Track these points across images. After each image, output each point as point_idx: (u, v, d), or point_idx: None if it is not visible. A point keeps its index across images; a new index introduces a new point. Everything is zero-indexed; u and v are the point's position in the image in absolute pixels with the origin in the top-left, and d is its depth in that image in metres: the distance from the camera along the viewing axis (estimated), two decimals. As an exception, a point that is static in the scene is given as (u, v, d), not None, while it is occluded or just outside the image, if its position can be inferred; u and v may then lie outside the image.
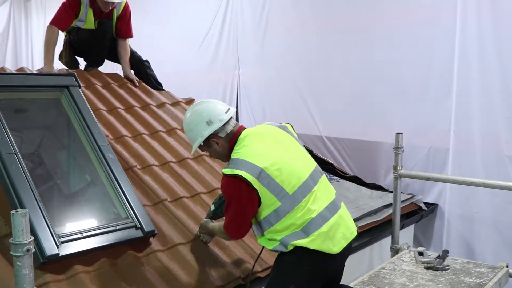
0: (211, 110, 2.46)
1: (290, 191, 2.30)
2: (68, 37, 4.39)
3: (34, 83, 3.16)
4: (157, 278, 2.52)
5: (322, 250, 2.30)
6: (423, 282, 2.81)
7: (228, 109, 2.49)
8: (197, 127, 2.45)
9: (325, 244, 2.31)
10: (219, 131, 2.43)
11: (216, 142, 2.46)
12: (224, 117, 2.44)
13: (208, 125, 2.42)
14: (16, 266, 1.61)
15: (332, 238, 2.33)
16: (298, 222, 2.30)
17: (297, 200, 2.31)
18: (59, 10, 4.14)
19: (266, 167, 2.27)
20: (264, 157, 2.32)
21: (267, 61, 5.48)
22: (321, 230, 2.30)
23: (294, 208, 2.30)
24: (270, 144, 2.41)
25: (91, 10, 4.19)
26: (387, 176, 4.56)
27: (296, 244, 2.28)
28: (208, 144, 2.47)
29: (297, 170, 2.37)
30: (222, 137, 2.44)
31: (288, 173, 2.32)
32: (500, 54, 3.86)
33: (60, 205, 2.72)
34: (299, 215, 2.30)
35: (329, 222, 2.35)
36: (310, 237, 2.29)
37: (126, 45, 4.46)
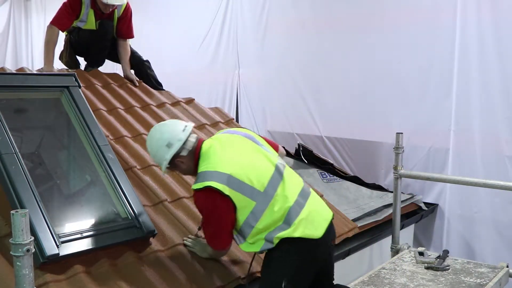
0: (169, 132, 2.51)
1: (261, 188, 2.37)
2: (68, 37, 4.39)
3: (34, 83, 3.16)
4: (157, 278, 2.51)
5: (306, 236, 2.35)
6: (423, 282, 2.81)
7: (185, 127, 2.54)
8: (159, 152, 2.51)
9: (308, 229, 2.36)
10: (180, 151, 2.48)
11: (181, 161, 2.52)
12: (182, 136, 2.49)
13: (168, 148, 2.47)
14: (16, 266, 1.61)
15: (312, 222, 2.39)
16: (278, 215, 2.35)
17: (270, 195, 2.37)
18: (59, 10, 4.14)
19: (232, 172, 2.34)
20: (228, 163, 2.39)
21: (267, 61, 5.48)
22: (300, 217, 2.37)
23: (269, 204, 2.36)
24: (230, 150, 2.48)
25: (92, 11, 4.19)
26: (387, 176, 4.56)
27: (281, 236, 2.34)
28: (174, 164, 2.53)
29: (262, 168, 2.44)
30: (185, 156, 2.50)
31: (254, 173, 2.39)
32: (500, 54, 3.86)
33: (60, 205, 2.72)
34: (277, 208, 2.36)
35: (305, 207, 2.42)
36: (292, 226, 2.34)
37: (127, 45, 4.46)
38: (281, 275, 2.36)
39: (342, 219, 3.47)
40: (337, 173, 4.63)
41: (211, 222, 2.44)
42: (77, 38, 4.32)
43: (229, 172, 2.34)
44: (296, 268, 2.38)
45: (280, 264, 2.38)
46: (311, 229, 2.37)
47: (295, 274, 2.38)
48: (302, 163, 4.57)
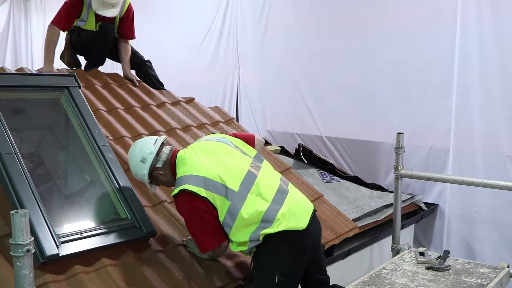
0: (140, 148, 2.63)
1: (235, 188, 2.42)
2: (69, 36, 4.38)
3: (34, 83, 3.16)
4: (157, 278, 2.51)
5: (290, 228, 2.38)
6: (424, 282, 2.81)
7: (156, 140, 2.64)
8: (137, 168, 2.62)
9: (291, 222, 2.40)
10: (155, 163, 2.58)
11: (160, 173, 2.60)
12: (153, 148, 2.59)
13: (143, 163, 2.58)
14: (16, 267, 1.61)
15: (294, 214, 2.43)
16: (255, 215, 2.39)
17: (244, 195, 2.42)
18: (60, 10, 4.14)
19: (207, 174, 2.43)
20: (202, 166, 2.48)
21: (267, 61, 5.48)
22: (281, 212, 2.40)
23: (243, 204, 2.40)
24: (204, 154, 2.56)
25: (93, 11, 4.19)
26: (387, 176, 4.56)
27: (265, 233, 2.38)
28: (154, 178, 2.63)
29: (235, 168, 2.51)
30: (161, 167, 2.59)
31: (228, 173, 2.46)
32: (500, 54, 3.86)
33: (60, 205, 2.71)
34: (253, 210, 2.39)
35: (285, 203, 2.45)
36: (275, 223, 2.38)
37: (128, 45, 4.46)
38: (272, 269, 2.41)
39: (342, 219, 3.46)
40: (337, 173, 4.63)
41: (193, 225, 2.49)
42: (78, 38, 4.32)
43: (204, 175, 2.43)
44: (286, 261, 2.42)
45: (270, 258, 2.43)
46: (294, 221, 2.41)
47: (286, 266, 2.42)
48: (302, 163, 4.57)
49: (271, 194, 2.47)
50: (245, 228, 2.41)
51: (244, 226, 2.41)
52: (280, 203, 2.45)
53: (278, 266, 2.41)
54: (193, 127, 3.93)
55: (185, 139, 3.74)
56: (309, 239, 2.48)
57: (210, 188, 2.40)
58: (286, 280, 2.41)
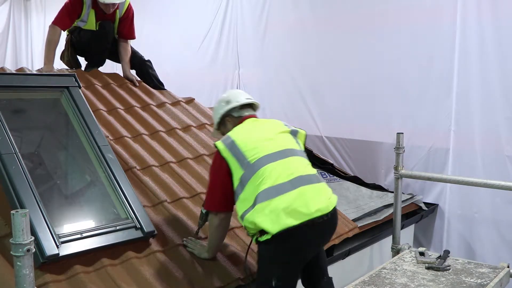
0: (233, 93, 2.81)
1: (252, 160, 2.43)
2: (70, 36, 4.39)
3: (34, 83, 3.16)
4: (157, 278, 2.51)
5: (285, 227, 2.28)
6: (424, 282, 2.81)
7: (250, 98, 2.77)
8: (218, 107, 2.76)
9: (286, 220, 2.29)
10: (234, 111, 2.70)
11: (229, 122, 2.72)
12: (242, 99, 2.73)
13: (226, 104, 2.72)
14: (16, 266, 1.61)
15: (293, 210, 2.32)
16: (251, 197, 2.37)
17: (255, 169, 2.41)
18: (61, 10, 4.17)
19: (236, 139, 2.49)
20: (240, 132, 2.58)
21: (267, 61, 5.48)
22: (278, 202, 2.31)
23: (252, 176, 2.39)
24: (254, 124, 2.67)
25: (93, 11, 4.20)
26: (387, 176, 4.56)
27: (259, 227, 2.31)
28: (224, 123, 2.75)
29: (263, 147, 2.50)
30: (234, 117, 2.71)
31: (253, 147, 2.47)
32: (500, 54, 3.85)
33: (60, 205, 2.71)
34: (252, 189, 2.38)
35: (290, 193, 2.36)
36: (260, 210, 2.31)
37: (128, 45, 4.46)
38: (269, 273, 2.39)
39: (342, 219, 3.46)
40: (337, 173, 4.63)
41: (210, 179, 2.59)
42: (78, 38, 4.33)
43: (234, 138, 2.50)
44: (285, 260, 2.39)
45: (266, 261, 2.42)
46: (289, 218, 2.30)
47: (281, 270, 2.39)
48: (302, 163, 4.56)
49: (278, 179, 2.39)
50: (243, 203, 2.40)
51: (243, 201, 2.40)
52: (283, 191, 2.36)
53: (274, 270, 2.38)
54: (193, 127, 3.93)
55: (185, 139, 3.75)
56: (312, 232, 2.39)
57: (232, 151, 2.46)
58: (283, 284, 2.38)
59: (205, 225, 2.90)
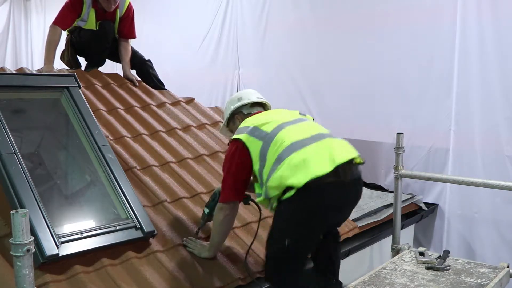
0: (246, 92, 2.86)
1: (269, 130, 2.45)
2: (70, 36, 4.39)
3: (34, 83, 3.16)
4: (157, 278, 2.51)
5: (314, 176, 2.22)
6: (424, 282, 2.81)
7: (262, 98, 2.82)
8: (230, 103, 2.81)
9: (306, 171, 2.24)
10: (244, 108, 2.75)
11: (239, 120, 2.72)
12: (253, 98, 2.78)
13: (237, 101, 2.77)
14: (16, 266, 1.61)
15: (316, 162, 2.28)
16: (274, 156, 2.34)
17: (273, 136, 2.41)
18: (61, 10, 4.18)
19: (253, 123, 2.50)
20: (255, 118, 2.59)
21: (267, 61, 5.47)
22: (299, 154, 2.29)
23: (271, 142, 2.39)
24: (266, 113, 2.69)
25: (93, 10, 4.21)
26: (387, 176, 4.55)
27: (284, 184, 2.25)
28: (233, 120, 2.79)
29: (279, 118, 2.53)
30: (244, 114, 2.74)
31: (270, 121, 2.50)
32: (500, 54, 3.85)
33: (60, 205, 2.71)
34: (276, 148, 2.36)
35: (313, 145, 2.35)
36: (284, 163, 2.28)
37: (128, 45, 4.47)
38: (285, 231, 2.31)
39: (342, 219, 3.46)
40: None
41: (226, 169, 2.54)
42: (78, 38, 4.33)
43: (251, 124, 2.51)
44: (300, 224, 2.30)
45: (285, 219, 2.32)
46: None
47: (299, 231, 2.30)
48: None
49: (299, 136, 2.39)
50: (269, 167, 2.34)
51: (269, 166, 2.35)
52: (303, 145, 2.34)
53: (290, 231, 2.30)
54: (193, 127, 3.93)
55: (185, 139, 3.75)
56: (327, 203, 2.32)
57: (253, 134, 2.46)
58: (296, 247, 2.30)
59: (205, 225, 2.91)
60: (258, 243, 2.93)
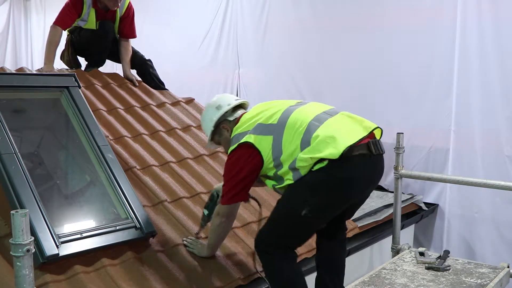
0: (221, 97, 2.65)
1: (275, 121, 2.36)
2: (70, 36, 4.40)
3: (34, 83, 3.16)
4: (157, 278, 2.51)
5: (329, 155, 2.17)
6: (424, 282, 2.81)
7: (239, 99, 2.65)
8: (208, 114, 2.61)
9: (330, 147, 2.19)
10: (228, 115, 2.57)
11: (226, 129, 2.57)
12: (232, 102, 2.59)
13: (217, 110, 2.57)
14: (16, 267, 1.61)
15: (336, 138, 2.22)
16: (297, 139, 2.26)
17: (283, 123, 2.33)
18: (62, 10, 4.19)
19: (259, 121, 2.39)
20: (250, 118, 2.45)
21: (267, 61, 5.47)
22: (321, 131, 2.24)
23: (283, 131, 2.30)
24: (257, 107, 2.53)
25: (94, 10, 4.21)
26: (387, 176, 4.55)
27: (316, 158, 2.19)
28: (220, 132, 2.60)
29: (280, 108, 2.42)
30: (230, 121, 2.56)
31: (270, 110, 2.41)
32: (500, 54, 3.85)
33: (60, 205, 2.71)
34: (294, 131, 2.27)
35: (333, 119, 2.31)
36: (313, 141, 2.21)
37: (128, 45, 4.47)
38: (301, 200, 2.23)
39: (342, 219, 3.46)
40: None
41: (230, 173, 2.42)
42: (78, 38, 4.33)
43: (252, 124, 2.39)
44: (323, 194, 2.23)
45: (307, 187, 2.24)
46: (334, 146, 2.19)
47: (319, 201, 2.23)
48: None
49: (311, 115, 2.32)
50: (290, 158, 2.26)
51: (291, 154, 2.26)
52: (323, 120, 2.28)
53: (310, 200, 2.22)
54: (193, 127, 3.93)
55: (185, 139, 3.75)
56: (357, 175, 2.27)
57: (256, 131, 2.36)
58: (312, 216, 2.23)
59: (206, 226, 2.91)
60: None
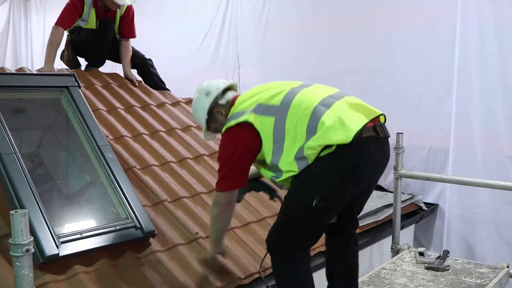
0: (208, 83, 2.56)
1: (277, 103, 2.27)
2: (70, 37, 4.40)
3: (34, 83, 3.16)
4: (157, 278, 2.51)
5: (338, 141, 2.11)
6: (423, 282, 2.81)
7: (226, 81, 2.57)
8: (199, 103, 2.52)
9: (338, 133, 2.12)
10: (219, 99, 2.48)
11: (220, 112, 2.48)
12: (221, 85, 2.51)
13: (207, 96, 2.49)
14: (16, 267, 1.61)
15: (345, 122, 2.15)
16: (302, 125, 2.17)
17: (286, 106, 2.24)
18: (63, 10, 4.19)
19: (254, 101, 2.31)
20: (248, 98, 2.37)
21: (267, 61, 5.47)
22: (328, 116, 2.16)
23: (287, 114, 2.22)
24: (259, 89, 2.45)
25: (94, 10, 4.22)
26: (387, 176, 4.55)
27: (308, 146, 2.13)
28: (214, 118, 2.50)
29: (282, 88, 2.35)
30: (223, 105, 2.47)
31: (269, 92, 2.33)
32: (500, 54, 3.85)
33: (60, 205, 2.71)
34: (298, 117, 2.19)
35: (334, 106, 2.22)
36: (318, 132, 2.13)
37: (128, 45, 4.47)
38: (312, 191, 2.15)
39: (342, 219, 3.46)
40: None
41: (224, 157, 2.33)
42: (78, 37, 4.34)
43: (252, 104, 2.31)
44: (333, 181, 2.16)
45: (317, 177, 2.16)
46: (342, 132, 2.12)
47: (330, 188, 2.16)
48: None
49: (316, 99, 2.23)
50: (294, 142, 2.17)
51: (293, 141, 2.18)
52: (328, 106, 2.20)
53: (321, 189, 2.14)
54: (193, 127, 3.93)
55: (185, 139, 3.75)
56: (366, 158, 2.21)
57: (257, 111, 2.27)
58: (323, 206, 2.16)
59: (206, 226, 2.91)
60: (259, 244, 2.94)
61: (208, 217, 2.98)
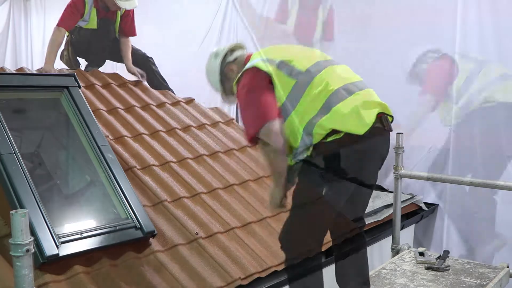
0: (215, 50, 2.62)
1: (303, 69, 2.24)
2: (70, 37, 4.40)
3: (34, 83, 3.16)
4: (157, 278, 2.51)
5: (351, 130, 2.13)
6: (423, 282, 2.81)
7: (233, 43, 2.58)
8: (210, 66, 2.57)
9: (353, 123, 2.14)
10: (228, 57, 2.50)
11: (232, 69, 2.48)
12: (227, 45, 2.55)
13: (216, 58, 2.54)
14: (16, 267, 1.61)
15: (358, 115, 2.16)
16: (318, 99, 2.16)
17: (312, 75, 2.22)
18: (65, 11, 4.19)
19: (273, 56, 2.29)
20: (270, 52, 2.36)
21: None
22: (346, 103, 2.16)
23: (310, 83, 2.19)
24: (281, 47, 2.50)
25: (95, 10, 4.22)
26: (387, 176, 4.54)
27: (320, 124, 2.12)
28: (227, 77, 2.50)
29: (309, 55, 2.37)
30: (233, 62, 2.49)
31: (297, 56, 2.31)
32: (500, 54, 3.85)
33: (60, 205, 2.72)
34: (317, 91, 2.17)
35: (359, 93, 2.23)
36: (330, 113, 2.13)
37: (128, 42, 4.49)
38: (320, 181, 2.16)
39: (342, 219, 3.45)
40: (337, 173, 4.61)
41: (247, 97, 2.28)
42: (78, 37, 4.34)
43: (269, 57, 2.28)
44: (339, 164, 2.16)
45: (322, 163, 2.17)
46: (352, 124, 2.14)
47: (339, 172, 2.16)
48: (302, 163, 4.56)
49: (339, 82, 2.22)
50: (302, 116, 2.16)
51: (305, 111, 2.16)
52: (349, 93, 2.20)
53: (326, 174, 2.16)
54: (193, 127, 3.93)
55: (185, 139, 3.75)
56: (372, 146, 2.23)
57: (274, 65, 2.25)
58: (333, 193, 2.18)
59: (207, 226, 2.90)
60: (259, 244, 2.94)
61: (208, 217, 2.99)
